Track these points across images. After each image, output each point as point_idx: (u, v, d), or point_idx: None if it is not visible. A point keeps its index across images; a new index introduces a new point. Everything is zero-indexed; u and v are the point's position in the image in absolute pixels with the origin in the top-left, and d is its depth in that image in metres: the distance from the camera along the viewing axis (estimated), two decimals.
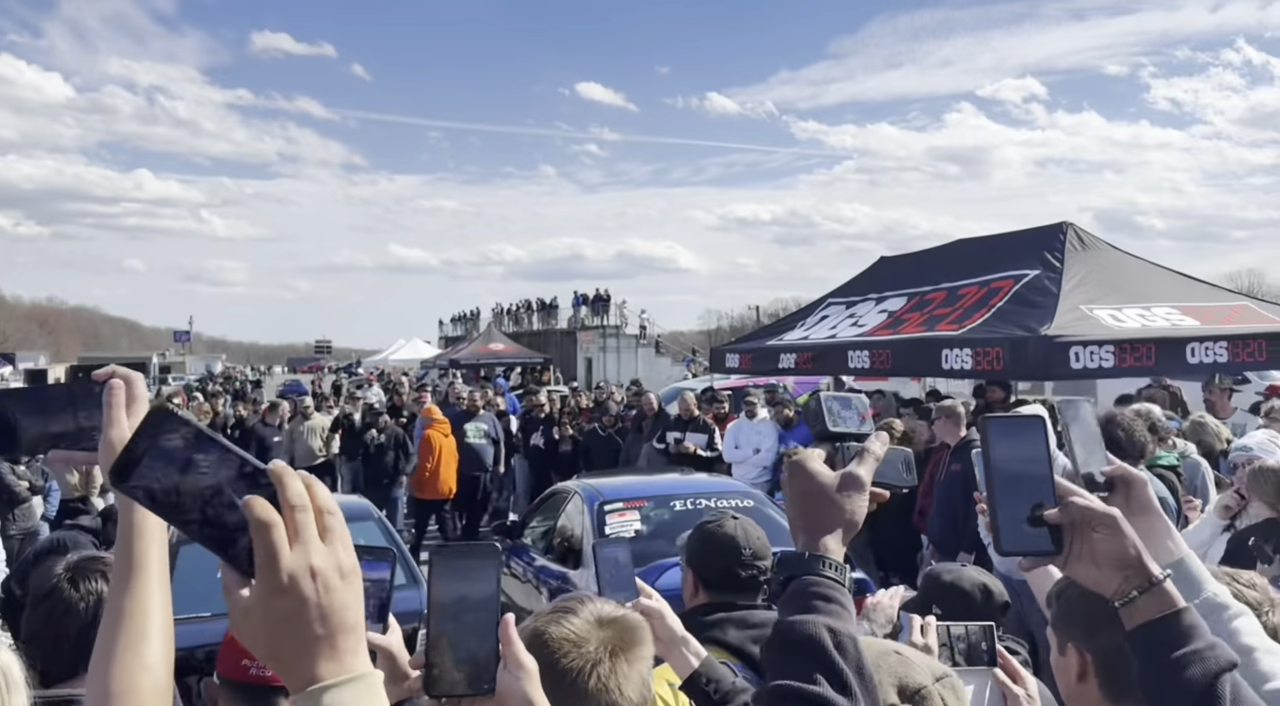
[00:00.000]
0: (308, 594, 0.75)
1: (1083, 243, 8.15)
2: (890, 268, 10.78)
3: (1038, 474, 1.13)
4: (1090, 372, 6.82)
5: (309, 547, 0.76)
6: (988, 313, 7.76)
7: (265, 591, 0.75)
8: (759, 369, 11.08)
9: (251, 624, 0.76)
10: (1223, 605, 1.41)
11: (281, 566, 0.74)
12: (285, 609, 0.74)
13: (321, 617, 0.75)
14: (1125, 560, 1.12)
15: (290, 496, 0.76)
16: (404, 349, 41.73)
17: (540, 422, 11.80)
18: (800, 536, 1.09)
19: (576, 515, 6.23)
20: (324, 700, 0.74)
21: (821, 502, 1.08)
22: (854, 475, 1.09)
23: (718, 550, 2.31)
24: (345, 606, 0.76)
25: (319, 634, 0.75)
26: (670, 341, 40.99)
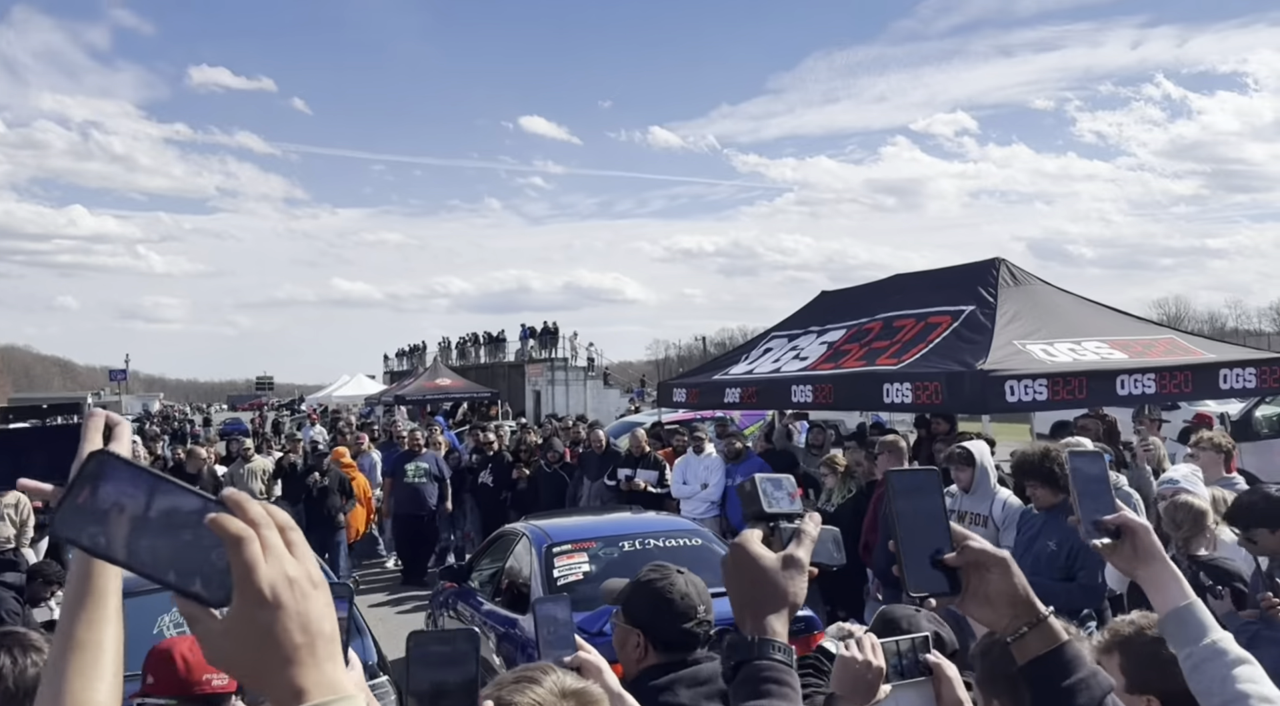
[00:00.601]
0: (287, 602, 0.76)
1: (1015, 278, 8.39)
2: (831, 301, 10.97)
3: (936, 521, 1.21)
4: (1025, 406, 7.02)
5: (281, 559, 0.77)
6: (925, 347, 7.94)
7: (246, 604, 0.75)
8: (705, 403, 11.16)
9: (231, 642, 0.76)
10: (1224, 651, 1.46)
11: (260, 576, 0.75)
12: (267, 620, 0.75)
13: (302, 626, 0.76)
14: (1015, 598, 1.19)
15: (252, 516, 0.77)
16: (348, 385, 41.05)
17: (490, 460, 11.72)
18: (746, 618, 1.13)
19: (524, 557, 6.20)
20: None
21: (765, 584, 1.12)
22: (794, 557, 1.14)
23: (672, 611, 2.27)
24: (322, 615, 0.78)
25: (300, 642, 0.76)
26: (618, 372, 41.03)
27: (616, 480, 9.65)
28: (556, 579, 5.70)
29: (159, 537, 0.75)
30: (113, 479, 0.74)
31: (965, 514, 5.76)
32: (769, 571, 1.13)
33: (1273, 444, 11.83)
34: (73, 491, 0.74)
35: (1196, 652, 1.48)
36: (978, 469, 5.88)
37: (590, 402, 33.72)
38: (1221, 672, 1.46)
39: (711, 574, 6.32)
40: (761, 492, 1.18)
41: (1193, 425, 9.72)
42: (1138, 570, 1.51)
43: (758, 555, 1.14)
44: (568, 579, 5.73)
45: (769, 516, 1.17)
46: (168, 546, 0.75)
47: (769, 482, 1.20)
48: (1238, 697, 1.44)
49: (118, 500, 0.74)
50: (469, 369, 42.26)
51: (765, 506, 1.18)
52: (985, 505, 5.72)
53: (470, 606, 6.72)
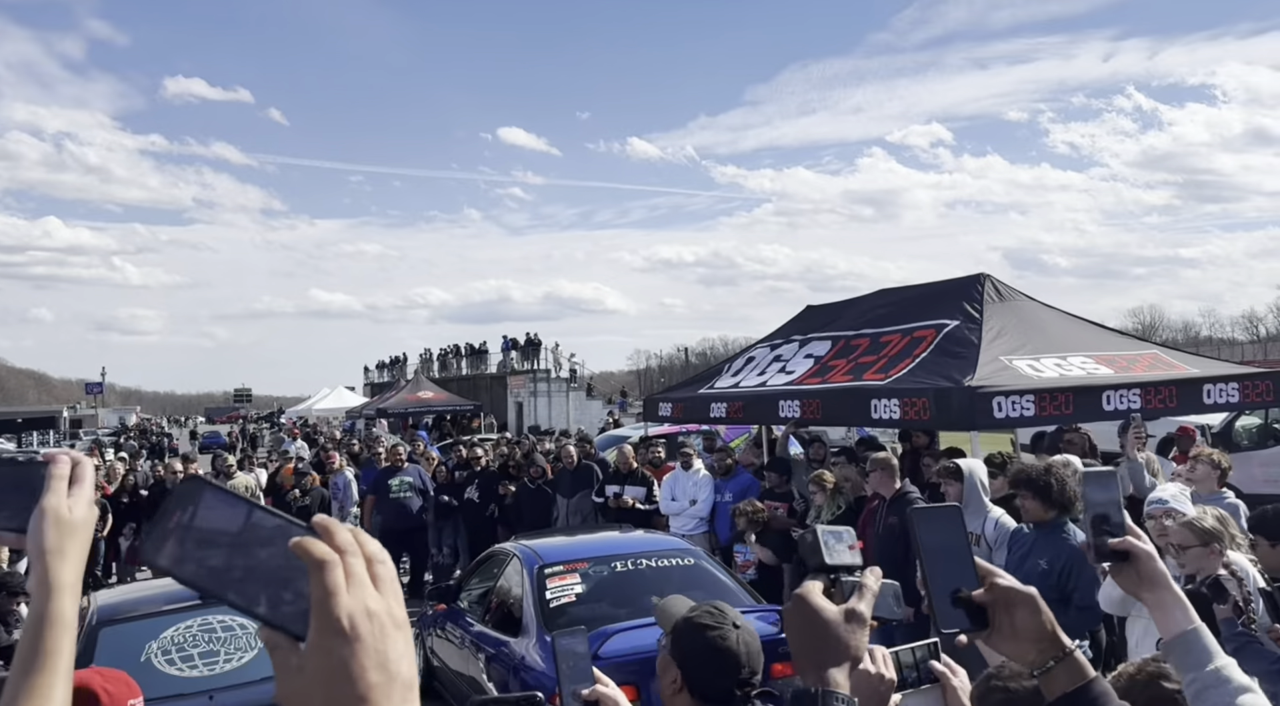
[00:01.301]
0: (365, 635, 0.71)
1: (1000, 294, 8.45)
2: (816, 315, 11.00)
3: (961, 557, 1.22)
4: (1013, 421, 7.06)
5: (364, 590, 0.73)
6: (912, 362, 7.98)
7: (322, 634, 0.71)
8: (691, 417, 11.16)
9: (305, 678, 0.72)
10: (1228, 678, 1.46)
11: (340, 604, 0.71)
12: (343, 654, 0.71)
13: (380, 664, 0.72)
14: (1042, 633, 1.20)
15: (340, 543, 0.74)
16: (328, 397, 40.75)
17: (476, 476, 11.65)
18: (808, 670, 1.14)
19: (515, 578, 6.16)
20: None
21: (827, 638, 1.13)
22: (856, 611, 1.14)
23: (722, 667, 2.23)
24: (401, 656, 0.73)
25: (375, 681, 0.71)
26: (600, 382, 40.98)
27: (604, 496, 9.61)
28: (549, 600, 5.66)
29: (248, 565, 0.74)
30: (205, 505, 0.74)
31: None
32: (831, 625, 1.13)
33: (1252, 456, 11.98)
34: (164, 517, 0.74)
35: (1200, 678, 1.48)
36: (966, 485, 5.90)
37: (573, 414, 33.67)
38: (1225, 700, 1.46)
39: (705, 593, 6.30)
40: (823, 544, 1.18)
41: (1176, 436, 9.80)
42: (1143, 593, 1.51)
43: (820, 608, 1.14)
44: (560, 600, 5.69)
45: (830, 568, 1.17)
46: (256, 574, 0.74)
47: (830, 535, 1.19)
48: None
49: (209, 527, 0.74)
50: (450, 381, 42.10)
51: (827, 558, 1.17)
52: (977, 523, 5.73)
53: (460, 627, 6.66)
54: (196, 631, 5.19)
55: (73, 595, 1.03)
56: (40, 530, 1.02)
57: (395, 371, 50.69)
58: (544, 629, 5.44)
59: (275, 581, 0.74)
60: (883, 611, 1.18)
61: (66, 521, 1.03)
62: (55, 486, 1.04)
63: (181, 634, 5.11)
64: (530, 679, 5.28)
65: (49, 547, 1.01)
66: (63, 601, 1.02)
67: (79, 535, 1.04)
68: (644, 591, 5.91)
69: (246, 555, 0.74)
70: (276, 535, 0.75)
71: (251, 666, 5.09)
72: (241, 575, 0.74)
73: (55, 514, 1.02)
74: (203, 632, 5.19)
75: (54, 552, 1.01)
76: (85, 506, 1.06)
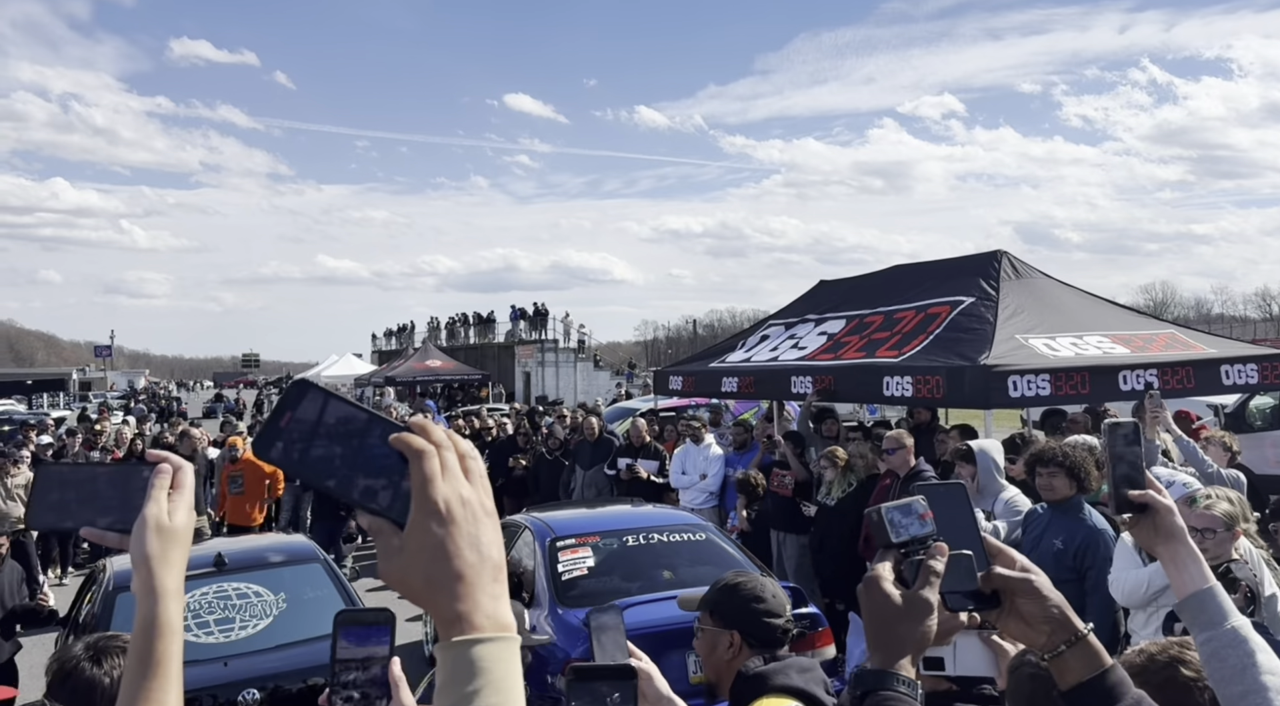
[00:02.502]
0: (460, 519, 0.78)
1: (1016, 271, 8.37)
2: (829, 291, 10.94)
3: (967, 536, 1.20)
4: (1028, 401, 7.02)
5: (457, 479, 0.80)
6: (926, 339, 7.92)
7: (421, 517, 0.77)
8: (702, 391, 11.14)
9: (405, 558, 0.78)
10: (1244, 638, 1.44)
11: (437, 490, 0.78)
12: (440, 535, 0.77)
13: (472, 544, 0.78)
14: (1049, 617, 1.18)
15: (436, 438, 0.80)
16: (337, 364, 40.81)
17: (486, 447, 11.69)
18: (877, 655, 1.14)
19: (527, 551, 6.18)
20: (473, 653, 0.76)
21: (895, 626, 1.12)
22: (919, 598, 1.13)
23: (766, 609, 2.41)
24: (492, 541, 0.79)
25: (472, 561, 0.77)
26: (607, 353, 40.97)
27: (617, 469, 9.62)
28: (561, 574, 5.68)
29: (350, 457, 0.80)
30: (311, 404, 0.80)
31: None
32: (898, 612, 1.12)
33: (1265, 436, 11.93)
34: (276, 416, 0.80)
35: (1216, 638, 1.46)
36: (979, 466, 5.87)
37: (580, 384, 33.73)
38: (1242, 661, 1.43)
39: (716, 568, 6.29)
40: (888, 523, 1.15)
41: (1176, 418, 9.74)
42: (1158, 547, 1.51)
43: (887, 595, 1.13)
44: (572, 574, 5.71)
45: (898, 545, 1.15)
46: (358, 465, 0.80)
47: (896, 511, 1.16)
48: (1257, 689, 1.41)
49: (314, 423, 0.80)
50: (458, 349, 42.14)
51: (893, 536, 1.15)
52: (989, 502, 5.72)
53: None
54: (213, 598, 5.22)
55: (178, 601, 1.06)
56: (143, 538, 1.04)
57: (403, 339, 50.75)
58: (556, 601, 5.47)
59: (376, 472, 0.80)
60: (954, 584, 1.16)
61: (168, 529, 1.06)
62: (157, 495, 1.07)
63: (198, 600, 5.15)
64: (543, 651, 5.31)
65: (152, 554, 1.04)
66: (169, 607, 1.05)
67: (180, 542, 1.07)
68: (655, 566, 5.93)
69: (349, 448, 0.80)
70: (376, 430, 0.80)
71: (266, 633, 5.13)
72: (344, 466, 0.80)
73: (157, 522, 1.06)
74: (219, 599, 5.23)
75: (157, 559, 1.05)
76: (186, 513, 1.08)
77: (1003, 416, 16.24)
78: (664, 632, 5.00)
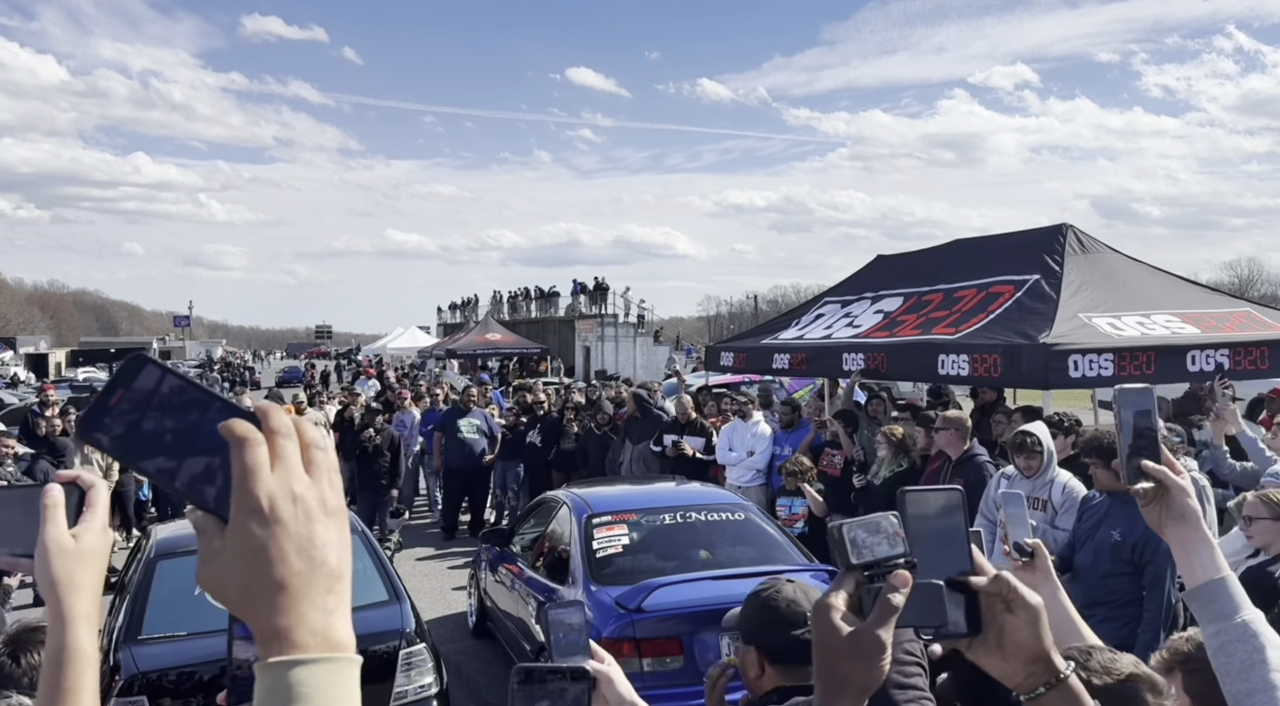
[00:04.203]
0: (287, 519, 0.67)
1: (1083, 246, 8.01)
2: (887, 266, 10.64)
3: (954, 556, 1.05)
4: (1089, 381, 6.72)
5: (291, 473, 0.69)
6: (986, 318, 7.64)
7: (240, 516, 0.67)
8: (753, 368, 10.97)
9: (222, 560, 0.68)
10: (1255, 632, 1.36)
11: (260, 484, 0.68)
12: (261, 537, 0.67)
13: (300, 549, 0.67)
14: (1036, 654, 1.03)
15: (274, 424, 0.70)
16: (402, 337, 41.57)
17: (538, 421, 11.71)
18: (817, 692, 1.01)
19: (565, 526, 6.14)
20: (291, 676, 0.65)
21: (838, 663, 0.98)
22: (871, 637, 0.96)
23: (779, 618, 2.14)
24: (328, 544, 0.69)
25: (297, 568, 0.67)
26: (670, 328, 40.86)
27: (662, 445, 9.53)
28: (596, 551, 5.62)
29: (183, 445, 0.71)
30: (145, 384, 0.72)
31: (1024, 497, 5.52)
32: (840, 652, 0.97)
33: None
34: (106, 393, 0.72)
35: (1225, 631, 1.37)
36: (1046, 452, 5.60)
37: (639, 359, 33.71)
38: (1250, 657, 1.34)
39: (755, 549, 6.17)
40: (849, 542, 0.99)
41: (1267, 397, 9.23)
42: (1168, 529, 1.41)
43: (832, 629, 0.97)
44: (607, 551, 5.64)
45: (860, 568, 1.00)
46: (190, 454, 0.72)
47: (861, 528, 1.00)
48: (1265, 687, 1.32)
49: (146, 405, 0.72)
50: (519, 323, 42.48)
51: (853, 557, 0.99)
52: (1044, 489, 5.48)
53: (512, 570, 6.71)
54: None
55: (89, 627, 0.99)
56: (45, 562, 0.98)
57: (467, 312, 51.35)
58: (590, 578, 5.41)
59: (207, 462, 0.71)
60: (918, 618, 1.00)
61: (72, 551, 0.99)
62: (51, 515, 0.99)
63: None
64: None
65: (58, 579, 0.98)
66: (78, 634, 0.98)
67: (90, 563, 1.00)
68: (693, 545, 5.84)
69: (182, 428, 0.72)
70: (212, 415, 0.72)
71: None
72: (174, 448, 0.71)
73: (57, 544, 0.98)
74: None
75: (64, 584, 0.98)
76: (97, 533, 1.01)
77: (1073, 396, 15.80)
78: (698, 613, 4.92)
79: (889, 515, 1.03)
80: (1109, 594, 4.59)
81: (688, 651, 4.87)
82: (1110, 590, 4.60)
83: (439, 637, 7.46)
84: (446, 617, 8.43)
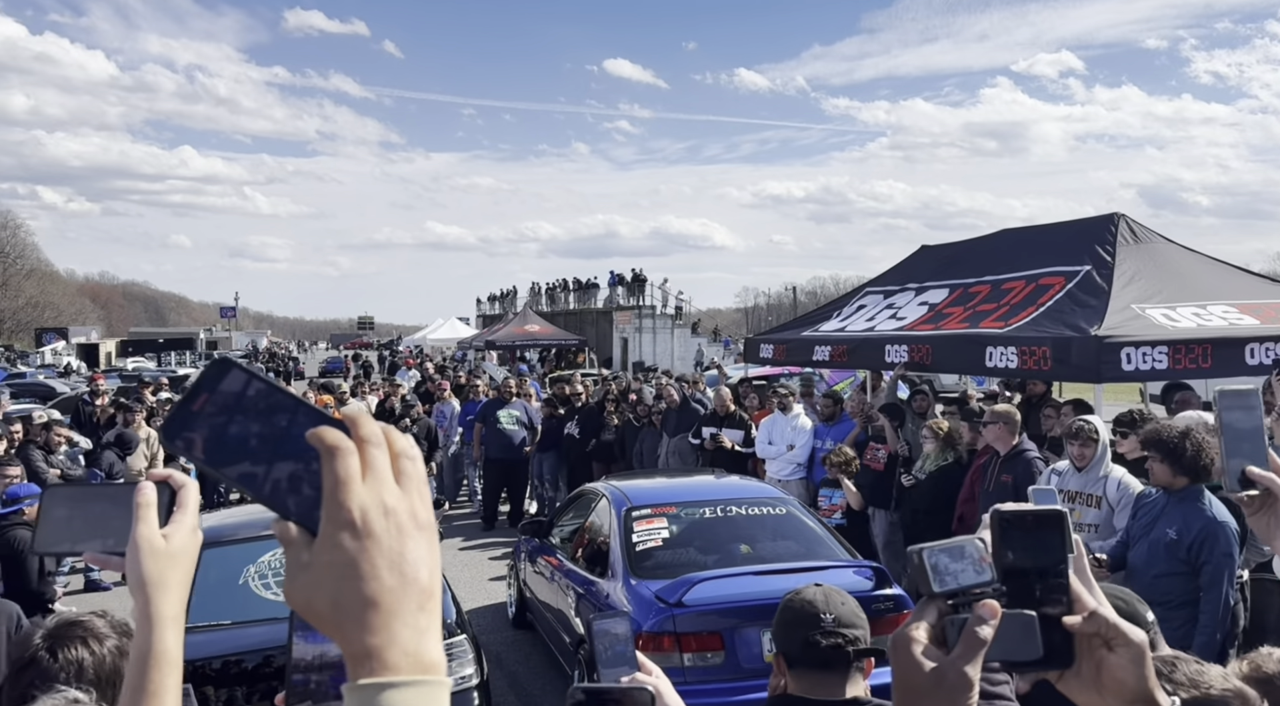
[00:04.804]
0: (379, 532, 0.64)
1: (1135, 235, 7.78)
2: (931, 257, 10.45)
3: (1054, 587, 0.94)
4: (1142, 375, 6.53)
5: (383, 485, 0.66)
6: (1036, 310, 7.46)
7: (331, 529, 0.65)
8: (792, 360, 10.84)
9: (311, 575, 0.65)
10: None
11: (352, 496, 0.65)
12: (353, 551, 0.64)
13: (392, 564, 0.65)
14: (1138, 693, 0.94)
15: (364, 433, 0.67)
16: (442, 328, 41.90)
17: (576, 412, 11.71)
18: None
19: (604, 519, 6.10)
20: (381, 699, 0.62)
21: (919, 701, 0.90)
22: (956, 673, 0.88)
23: (795, 619, 2.09)
24: (420, 560, 0.66)
25: (390, 584, 0.64)
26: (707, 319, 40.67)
27: (700, 438, 9.46)
28: (635, 544, 5.58)
29: (268, 451, 0.69)
30: (230, 387, 0.69)
31: (1075, 494, 5.38)
32: (920, 689, 0.89)
33: None
34: (190, 398, 0.70)
35: None
36: (1101, 445, 5.44)
37: (677, 351, 33.61)
38: None
39: (796, 544, 6.08)
40: (931, 569, 0.90)
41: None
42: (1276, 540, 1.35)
43: (916, 663, 0.89)
44: (646, 544, 5.60)
45: (943, 596, 0.92)
46: (275, 460, 0.68)
47: (943, 553, 0.91)
48: None
49: (232, 409, 0.69)
50: (558, 315, 42.58)
51: (936, 586, 0.90)
52: (1098, 485, 5.32)
53: (551, 562, 6.69)
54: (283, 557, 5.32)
55: (176, 628, 0.98)
56: (136, 561, 0.97)
57: (505, 304, 51.61)
58: (630, 572, 5.37)
59: (292, 470, 0.68)
60: (1008, 652, 0.91)
61: (163, 551, 0.97)
62: (143, 515, 0.99)
63: (278, 559, 5.25)
64: None
65: (148, 578, 0.96)
66: (165, 636, 0.98)
67: (179, 564, 0.98)
68: (733, 539, 5.77)
69: (267, 440, 0.69)
70: (300, 421, 0.68)
71: None
72: (260, 453, 0.68)
73: (149, 544, 0.97)
74: None
75: (154, 584, 0.97)
76: (187, 533, 1.00)
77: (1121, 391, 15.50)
78: (740, 608, 4.87)
79: (974, 539, 0.94)
80: (1163, 594, 4.44)
81: (729, 647, 4.81)
82: (1164, 590, 4.45)
83: (479, 628, 7.49)
84: (487, 608, 8.46)
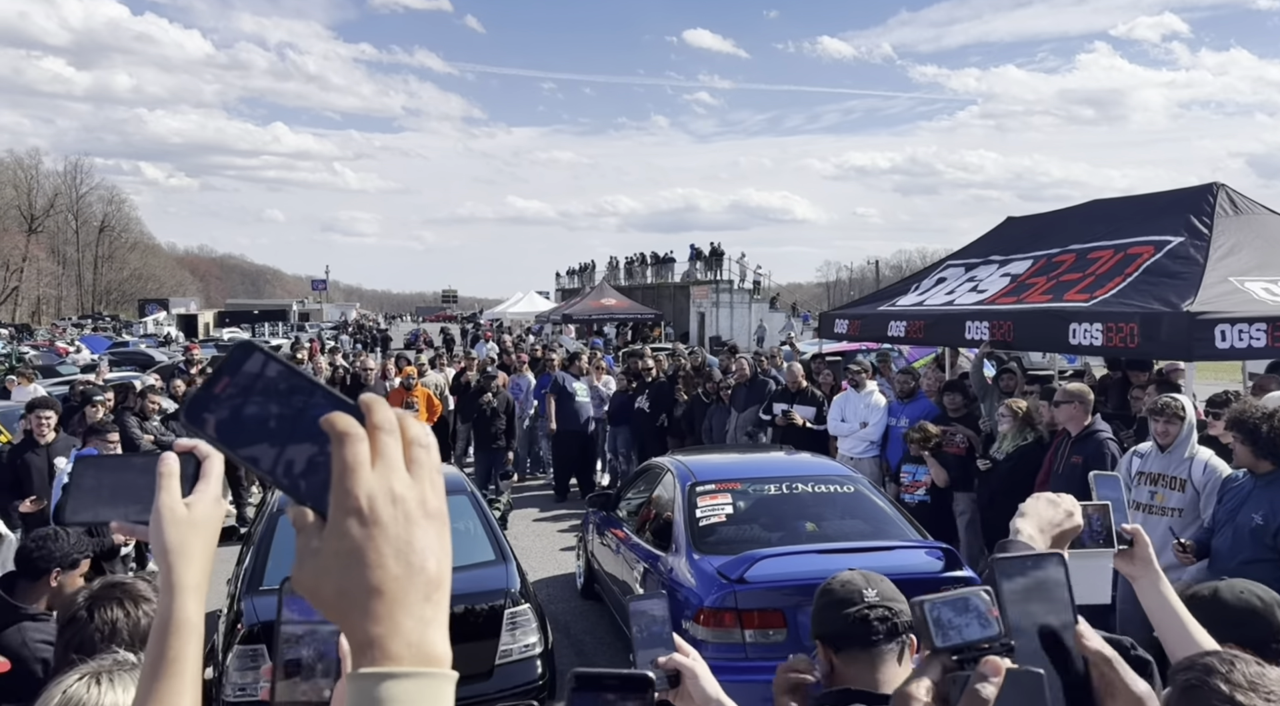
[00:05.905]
0: (386, 520, 0.64)
1: (1235, 206, 7.35)
2: (1017, 229, 10.08)
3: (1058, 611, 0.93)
4: (1238, 353, 6.18)
5: (392, 472, 0.66)
6: (1122, 282, 7.12)
7: (338, 516, 0.64)
8: (867, 335, 10.61)
9: (318, 561, 0.65)
10: None
11: (360, 482, 0.64)
12: (359, 537, 0.64)
13: (398, 553, 0.64)
14: None
15: (377, 420, 0.67)
16: (521, 302, 42.41)
17: (647, 386, 11.71)
18: None
19: (669, 493, 6.09)
20: (381, 690, 0.62)
21: None
22: None
23: (837, 600, 2.05)
24: (428, 549, 0.65)
25: (395, 573, 0.64)
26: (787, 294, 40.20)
27: (771, 414, 9.35)
28: (699, 519, 5.55)
29: (285, 432, 0.69)
30: (250, 369, 0.70)
31: (1158, 476, 5.14)
32: None
33: None
34: (212, 381, 0.70)
35: None
36: (1187, 424, 5.18)
37: (754, 326, 33.31)
38: None
39: (865, 523, 5.97)
40: (932, 623, 0.87)
41: None
42: None
43: None
44: (710, 520, 5.57)
45: (947, 651, 0.88)
46: (290, 441, 0.69)
47: (946, 607, 0.87)
48: None
49: (250, 390, 0.69)
50: (635, 289, 42.60)
51: (939, 641, 0.87)
52: (1183, 467, 5.07)
53: (617, 535, 6.72)
54: None
55: (197, 597, 1.00)
56: (159, 529, 0.98)
57: (584, 278, 51.88)
58: (693, 547, 5.35)
59: (309, 453, 0.68)
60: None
61: (185, 519, 0.99)
62: (166, 484, 1.00)
63: None
64: (678, 596, 5.23)
65: (170, 547, 0.98)
66: (186, 604, 0.99)
67: (201, 533, 1.00)
68: (798, 516, 5.70)
69: (285, 421, 0.69)
70: (316, 404, 0.69)
71: None
72: (275, 441, 0.69)
73: (171, 512, 0.99)
74: None
75: (175, 552, 0.98)
76: (209, 503, 1.01)
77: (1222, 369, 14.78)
78: (802, 586, 4.79)
79: (980, 591, 0.90)
80: None
81: (791, 624, 4.76)
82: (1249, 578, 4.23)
83: (548, 597, 7.59)
84: (556, 578, 8.56)
